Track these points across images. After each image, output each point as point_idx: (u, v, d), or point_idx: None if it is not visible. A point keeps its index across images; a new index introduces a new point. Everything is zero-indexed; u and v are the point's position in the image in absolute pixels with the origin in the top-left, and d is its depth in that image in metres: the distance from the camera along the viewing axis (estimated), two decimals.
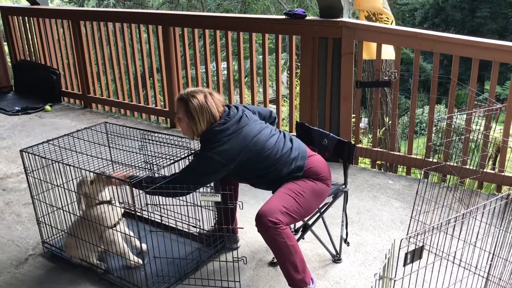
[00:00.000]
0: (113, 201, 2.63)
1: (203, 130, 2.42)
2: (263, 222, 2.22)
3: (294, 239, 2.29)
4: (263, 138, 2.42)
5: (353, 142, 2.66)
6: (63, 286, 2.58)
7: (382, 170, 4.01)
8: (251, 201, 3.33)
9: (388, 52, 4.01)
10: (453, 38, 3.43)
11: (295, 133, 2.93)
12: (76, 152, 2.71)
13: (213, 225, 2.79)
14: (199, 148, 2.52)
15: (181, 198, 2.44)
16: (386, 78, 3.80)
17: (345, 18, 3.72)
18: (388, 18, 4.45)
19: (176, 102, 2.50)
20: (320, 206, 2.58)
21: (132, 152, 2.81)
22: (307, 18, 3.88)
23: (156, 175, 2.50)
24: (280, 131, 2.55)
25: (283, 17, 4.00)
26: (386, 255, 1.56)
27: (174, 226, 2.85)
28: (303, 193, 2.36)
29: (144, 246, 2.67)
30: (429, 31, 3.67)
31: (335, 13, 3.72)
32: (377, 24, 4.16)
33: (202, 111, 2.40)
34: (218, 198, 2.33)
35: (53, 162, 2.60)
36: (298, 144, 2.51)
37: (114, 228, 2.57)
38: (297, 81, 5.46)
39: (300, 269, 2.28)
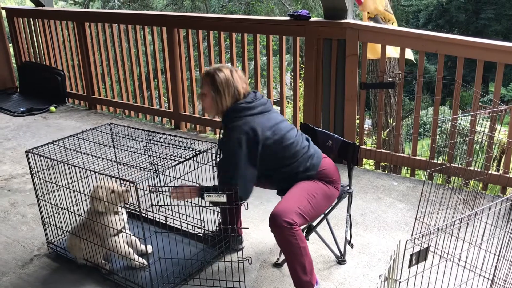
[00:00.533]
0: (120, 212, 2.64)
1: (228, 106, 2.41)
2: (278, 222, 2.20)
3: (305, 241, 2.30)
4: (284, 127, 2.43)
5: (357, 144, 2.66)
6: (68, 286, 2.59)
7: (386, 172, 4.00)
8: (255, 202, 3.34)
9: (396, 49, 4.00)
10: (458, 40, 3.42)
11: None
12: (81, 153, 2.72)
13: (217, 226, 2.79)
14: (220, 133, 2.47)
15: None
16: (390, 79, 3.80)
17: (349, 20, 3.73)
18: (389, 20, 4.46)
19: (201, 79, 2.49)
20: None
21: (137, 153, 2.82)
22: (312, 19, 3.88)
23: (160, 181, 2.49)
24: (297, 130, 2.57)
25: (287, 18, 4.01)
26: (391, 256, 1.56)
27: (179, 227, 2.86)
28: (316, 195, 2.37)
29: (149, 248, 2.68)
30: (434, 32, 3.66)
31: (340, 14, 3.72)
32: (381, 25, 4.15)
33: (228, 84, 2.40)
34: (223, 198, 2.33)
35: (59, 163, 2.61)
36: (313, 144, 2.55)
37: (117, 236, 2.58)
38: (301, 82, 5.46)
39: (308, 271, 2.29)
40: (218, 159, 2.51)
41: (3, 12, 6.36)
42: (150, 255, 2.67)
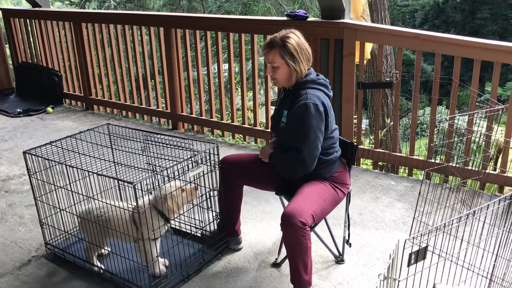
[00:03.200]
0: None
1: (306, 71, 2.36)
2: (292, 222, 2.18)
3: (311, 242, 2.30)
4: (335, 124, 2.48)
5: (355, 143, 2.66)
6: (65, 287, 2.59)
7: (384, 172, 4.01)
8: (253, 202, 3.34)
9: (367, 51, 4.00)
10: (455, 39, 3.43)
11: None
12: (79, 153, 2.71)
13: (215, 227, 2.79)
14: (298, 98, 2.34)
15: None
16: (387, 79, 3.80)
17: (346, 19, 3.73)
18: None
19: (266, 52, 2.34)
20: None
21: (135, 153, 2.81)
22: (309, 19, 3.88)
23: (158, 181, 2.48)
24: None
25: (285, 18, 4.01)
26: (390, 255, 1.56)
27: (177, 227, 2.86)
28: (326, 198, 2.39)
29: (166, 262, 2.66)
30: (431, 32, 3.67)
31: (337, 14, 3.73)
32: (378, 25, 4.16)
33: (301, 48, 2.33)
34: (201, 168, 2.41)
35: (56, 163, 2.60)
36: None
37: (155, 241, 2.51)
38: None
39: (309, 271, 2.31)
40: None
41: (0, 12, 6.34)
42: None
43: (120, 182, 2.83)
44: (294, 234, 2.21)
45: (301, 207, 2.24)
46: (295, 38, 2.33)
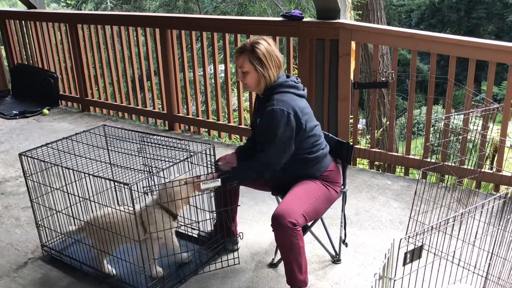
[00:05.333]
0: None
1: (275, 77, 2.38)
2: (282, 222, 2.20)
3: (304, 242, 2.31)
4: (315, 120, 2.48)
5: (351, 143, 2.67)
6: None
7: (380, 171, 4.02)
8: (250, 202, 3.34)
9: None
10: (450, 39, 3.44)
11: None
12: (75, 155, 2.71)
13: (212, 227, 2.79)
14: (267, 103, 2.37)
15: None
16: (383, 79, 3.81)
17: (342, 20, 3.74)
18: None
19: (237, 57, 2.39)
20: None
21: (131, 154, 2.81)
22: (304, 19, 3.89)
23: (154, 182, 2.48)
24: None
25: (281, 19, 4.01)
26: (385, 254, 1.56)
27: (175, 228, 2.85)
28: (318, 197, 2.39)
29: (185, 256, 2.67)
30: (426, 31, 3.68)
31: (332, 14, 3.73)
32: (374, 25, 4.17)
33: (270, 55, 2.35)
34: (218, 183, 2.36)
35: (52, 165, 2.60)
36: (328, 145, 2.58)
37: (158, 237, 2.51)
38: None
39: (303, 271, 2.31)
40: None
41: None
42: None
43: (116, 183, 2.83)
44: (285, 234, 2.22)
45: (290, 207, 2.25)
46: (265, 44, 2.37)
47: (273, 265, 2.70)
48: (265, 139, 2.35)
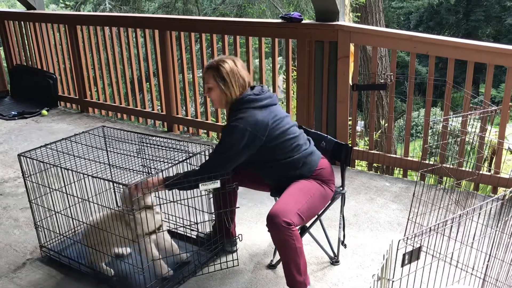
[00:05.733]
0: (154, 207, 2.55)
1: (237, 96, 2.43)
2: (277, 222, 2.21)
3: (301, 242, 2.31)
4: (288, 122, 2.47)
5: (350, 145, 2.68)
6: None
7: (379, 173, 4.02)
8: (249, 204, 3.34)
9: None
10: (448, 41, 3.45)
11: None
12: (74, 156, 2.71)
13: (210, 228, 2.80)
14: (229, 120, 2.48)
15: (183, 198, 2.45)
16: (382, 81, 3.82)
17: (341, 22, 3.75)
18: None
19: (204, 73, 2.51)
20: None
21: (130, 155, 2.81)
22: (303, 21, 3.90)
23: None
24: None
25: (280, 20, 4.02)
26: (384, 256, 1.57)
27: (173, 229, 2.86)
28: (313, 195, 2.39)
29: (184, 256, 2.66)
30: (425, 34, 3.70)
31: (331, 16, 3.74)
32: (373, 27, 4.19)
33: (233, 74, 2.42)
34: (217, 184, 2.37)
35: (51, 166, 2.60)
36: (313, 144, 2.58)
37: (149, 236, 2.50)
38: (293, 85, 5.48)
39: (302, 271, 2.31)
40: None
41: None
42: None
43: (115, 184, 2.83)
44: (280, 234, 2.22)
45: (285, 207, 2.26)
46: (230, 64, 2.45)
47: (271, 266, 2.70)
48: (215, 147, 2.43)
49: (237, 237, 2.74)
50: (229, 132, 2.38)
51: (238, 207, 2.74)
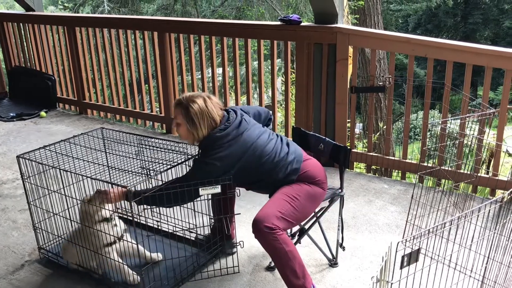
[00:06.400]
0: (113, 218, 2.57)
1: (204, 135, 2.41)
2: (259, 228, 2.22)
3: (292, 244, 2.29)
4: (262, 143, 2.43)
5: (348, 147, 2.68)
6: None
7: (377, 175, 4.03)
8: (247, 206, 3.34)
9: None
10: (447, 44, 3.47)
11: (291, 138, 2.95)
12: (73, 157, 2.71)
13: (209, 231, 2.80)
14: (198, 154, 2.52)
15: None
16: (380, 83, 3.83)
17: (339, 24, 3.76)
18: None
19: (174, 107, 2.47)
20: (317, 210, 2.59)
21: (129, 157, 2.81)
22: (302, 24, 3.91)
23: (152, 185, 2.50)
24: (277, 135, 2.56)
25: (279, 23, 4.03)
26: (383, 258, 1.57)
27: (172, 231, 2.86)
28: (298, 197, 2.37)
29: (159, 256, 2.65)
30: (423, 36, 3.71)
31: (330, 19, 3.75)
32: (371, 30, 4.19)
33: (202, 115, 2.38)
34: (218, 189, 2.37)
35: (50, 168, 2.60)
36: (294, 148, 2.53)
37: (111, 247, 2.53)
38: (292, 87, 5.49)
39: (300, 275, 2.27)
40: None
41: None
42: (160, 263, 2.63)
43: (113, 186, 2.83)
44: (264, 240, 2.23)
45: (266, 212, 2.26)
46: (200, 104, 2.40)
47: (270, 268, 2.70)
48: (181, 178, 2.42)
49: (238, 244, 2.73)
50: (197, 168, 2.40)
51: (239, 214, 2.74)
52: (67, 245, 2.67)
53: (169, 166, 2.52)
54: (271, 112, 2.78)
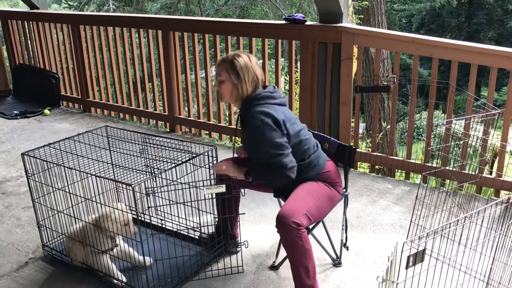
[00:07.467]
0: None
1: (248, 92, 2.40)
2: (286, 223, 2.20)
3: (310, 244, 2.29)
4: (300, 124, 2.46)
5: (353, 147, 2.67)
6: None
7: (381, 175, 4.02)
8: (251, 205, 3.34)
9: None
10: (452, 44, 3.46)
11: None
12: (77, 155, 2.71)
13: (213, 229, 2.80)
14: (239, 122, 2.48)
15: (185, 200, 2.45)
16: (385, 83, 3.82)
17: (344, 24, 3.75)
18: None
19: (217, 66, 2.46)
20: None
21: (133, 155, 2.81)
22: (307, 23, 3.90)
23: (156, 183, 2.49)
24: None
25: (283, 22, 4.02)
26: (389, 257, 1.57)
27: (176, 229, 2.86)
28: (321, 197, 2.39)
29: (147, 260, 2.64)
30: (428, 36, 3.70)
31: (335, 18, 3.74)
32: (376, 29, 4.18)
33: (247, 69, 2.39)
34: (223, 189, 2.37)
35: (55, 165, 2.60)
36: (319, 145, 2.58)
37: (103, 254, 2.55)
38: (296, 86, 5.48)
39: (311, 275, 2.28)
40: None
41: None
42: (148, 268, 2.61)
43: (118, 184, 2.83)
44: (289, 235, 2.21)
45: (294, 208, 2.25)
46: (245, 59, 2.42)
47: (274, 267, 2.70)
48: (261, 153, 2.35)
49: (243, 244, 2.73)
50: (255, 131, 2.32)
51: (244, 213, 2.73)
52: (70, 242, 2.66)
53: (174, 165, 2.52)
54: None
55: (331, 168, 2.51)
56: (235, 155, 2.70)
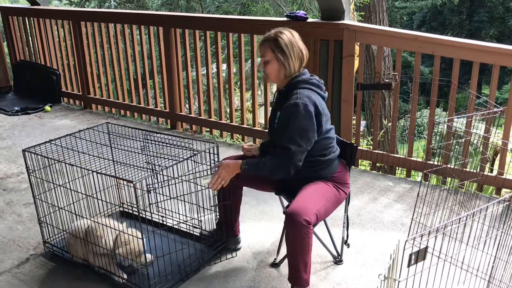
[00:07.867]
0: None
1: (295, 69, 2.36)
2: (298, 220, 2.19)
3: (312, 241, 2.30)
4: (330, 125, 2.47)
5: (354, 144, 2.67)
6: (64, 286, 2.58)
7: (382, 173, 4.02)
8: (252, 202, 3.34)
9: None
10: (454, 41, 3.44)
11: None
12: (78, 152, 2.71)
13: (215, 226, 2.80)
14: (276, 104, 2.44)
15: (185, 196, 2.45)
16: (387, 80, 3.81)
17: (346, 21, 3.74)
18: None
19: (260, 46, 2.38)
20: None
21: (134, 152, 2.81)
22: (309, 20, 3.89)
23: (157, 180, 2.49)
24: None
25: (285, 19, 4.01)
26: (391, 255, 1.57)
27: (176, 226, 2.86)
28: (329, 198, 2.40)
29: (149, 257, 2.64)
30: (430, 34, 3.69)
31: (337, 15, 3.73)
32: (378, 27, 4.17)
33: (292, 46, 2.33)
34: None
35: (56, 162, 2.60)
36: (338, 148, 2.57)
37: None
38: None
39: (308, 270, 2.31)
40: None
41: None
42: (149, 264, 2.60)
43: (119, 180, 2.83)
44: (299, 232, 2.21)
45: (305, 206, 2.25)
46: (288, 35, 2.35)
47: (275, 264, 2.70)
48: (286, 135, 2.30)
49: (245, 246, 2.75)
50: (294, 111, 2.26)
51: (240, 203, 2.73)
52: (71, 239, 2.66)
53: (175, 162, 2.52)
54: None
55: (342, 169, 2.53)
56: (241, 153, 2.69)
